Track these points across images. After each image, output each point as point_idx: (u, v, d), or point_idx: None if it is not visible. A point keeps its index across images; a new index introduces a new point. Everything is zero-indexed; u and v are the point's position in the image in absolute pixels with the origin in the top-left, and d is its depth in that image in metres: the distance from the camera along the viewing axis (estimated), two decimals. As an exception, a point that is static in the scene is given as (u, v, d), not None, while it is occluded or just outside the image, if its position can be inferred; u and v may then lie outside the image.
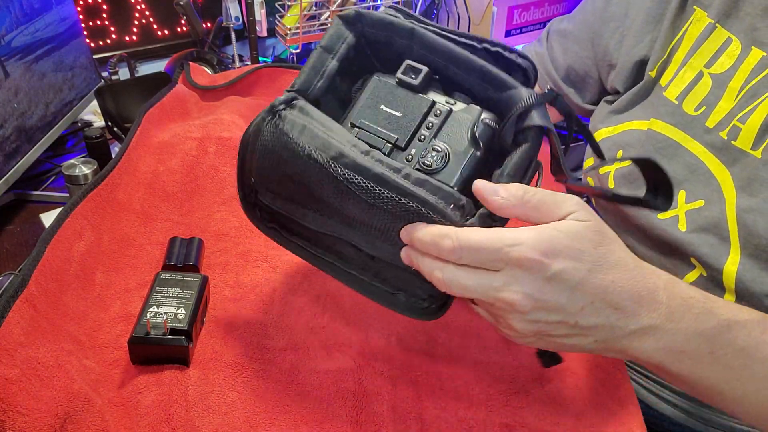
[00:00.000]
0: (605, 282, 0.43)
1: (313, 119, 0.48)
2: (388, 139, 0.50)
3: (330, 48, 0.53)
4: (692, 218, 0.63)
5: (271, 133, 0.49)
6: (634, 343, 0.45)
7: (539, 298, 0.42)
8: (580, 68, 0.81)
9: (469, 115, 0.50)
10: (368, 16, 0.53)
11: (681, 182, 0.65)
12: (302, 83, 0.52)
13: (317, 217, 0.51)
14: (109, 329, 0.60)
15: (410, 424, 0.55)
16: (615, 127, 0.73)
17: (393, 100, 0.51)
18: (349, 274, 0.53)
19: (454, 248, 0.42)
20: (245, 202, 0.55)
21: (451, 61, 0.51)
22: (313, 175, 0.48)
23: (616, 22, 0.74)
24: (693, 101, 0.66)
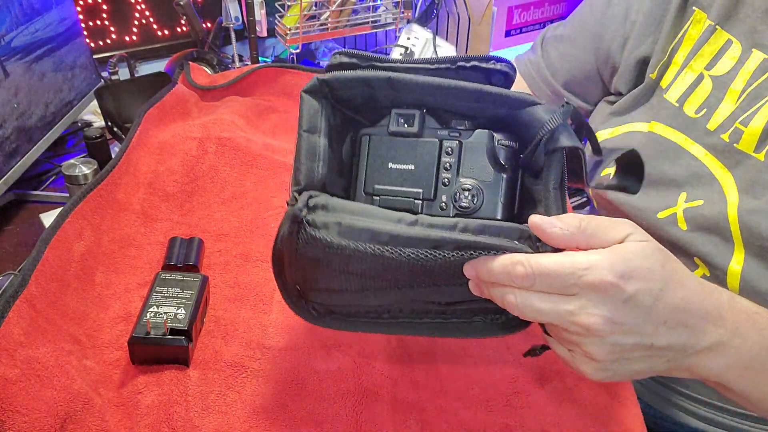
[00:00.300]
0: (676, 300, 0.43)
1: (343, 212, 0.45)
2: (414, 197, 0.49)
3: (313, 128, 0.50)
4: (691, 216, 0.63)
5: (307, 244, 0.46)
6: (702, 361, 0.45)
7: (617, 321, 0.42)
8: (581, 73, 0.81)
9: (480, 140, 0.48)
10: (333, 80, 0.50)
11: (682, 184, 0.65)
12: (305, 177, 0.48)
13: (379, 294, 0.48)
14: (109, 329, 0.60)
15: (410, 424, 0.55)
16: (615, 129, 0.73)
17: (398, 154, 0.50)
18: (421, 324, 0.51)
19: (527, 275, 0.42)
20: (295, 306, 0.51)
21: (440, 94, 0.49)
22: (368, 264, 0.45)
23: (617, 25, 0.74)
24: (694, 103, 0.66)
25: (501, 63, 0.51)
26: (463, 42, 1.16)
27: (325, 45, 1.34)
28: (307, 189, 0.48)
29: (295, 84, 1.01)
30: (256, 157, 0.81)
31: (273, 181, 0.80)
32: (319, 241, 0.45)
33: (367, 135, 0.51)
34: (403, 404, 0.56)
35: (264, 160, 0.81)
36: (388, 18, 1.20)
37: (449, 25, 1.19)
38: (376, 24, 1.19)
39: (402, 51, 1.16)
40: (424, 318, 0.51)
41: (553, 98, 0.84)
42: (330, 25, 1.15)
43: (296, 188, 0.48)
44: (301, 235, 0.46)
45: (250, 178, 0.79)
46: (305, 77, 1.01)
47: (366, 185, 0.50)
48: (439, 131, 0.50)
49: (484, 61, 0.51)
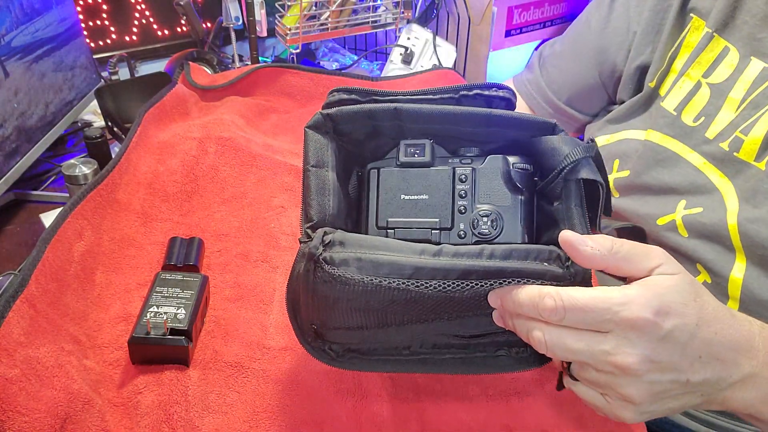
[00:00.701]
0: (709, 335, 0.42)
1: (362, 247, 0.44)
2: (431, 227, 0.48)
3: (321, 163, 0.49)
4: (690, 223, 0.63)
5: (325, 283, 0.44)
6: (735, 394, 0.44)
7: (654, 359, 0.40)
8: (584, 87, 0.80)
9: (494, 165, 0.48)
10: (337, 114, 0.49)
11: (682, 193, 0.65)
12: (317, 212, 0.47)
13: (401, 330, 0.47)
14: (109, 329, 0.60)
15: (410, 424, 0.55)
16: (611, 136, 0.73)
17: (410, 185, 0.49)
18: (443, 361, 0.50)
19: (557, 308, 0.40)
20: (311, 348, 0.50)
21: (448, 121, 0.48)
22: (391, 299, 0.44)
23: (621, 37, 0.74)
24: (692, 112, 0.65)
25: (502, 90, 0.51)
26: (463, 42, 1.16)
27: (325, 45, 1.34)
28: (319, 225, 0.47)
29: (295, 84, 1.01)
30: (256, 157, 0.81)
31: (273, 181, 0.80)
32: (338, 279, 0.43)
33: (376, 168, 0.50)
34: (403, 404, 0.56)
35: (264, 160, 0.81)
36: (388, 18, 1.20)
37: (449, 25, 1.19)
38: (376, 24, 1.19)
39: (402, 51, 1.16)
40: (446, 354, 0.49)
41: (555, 116, 0.84)
42: (330, 25, 1.15)
43: (308, 225, 0.47)
44: (318, 274, 0.44)
45: (250, 178, 0.79)
46: (305, 77, 1.01)
47: (379, 219, 0.49)
48: (450, 159, 0.49)
49: (486, 89, 0.50)
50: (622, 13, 0.74)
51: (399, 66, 1.16)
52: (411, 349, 0.50)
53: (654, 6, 0.70)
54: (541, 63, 0.86)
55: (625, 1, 0.75)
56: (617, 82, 0.76)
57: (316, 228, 0.46)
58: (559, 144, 0.46)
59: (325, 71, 1.04)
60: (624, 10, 0.74)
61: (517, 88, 0.89)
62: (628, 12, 0.74)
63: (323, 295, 0.45)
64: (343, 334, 0.48)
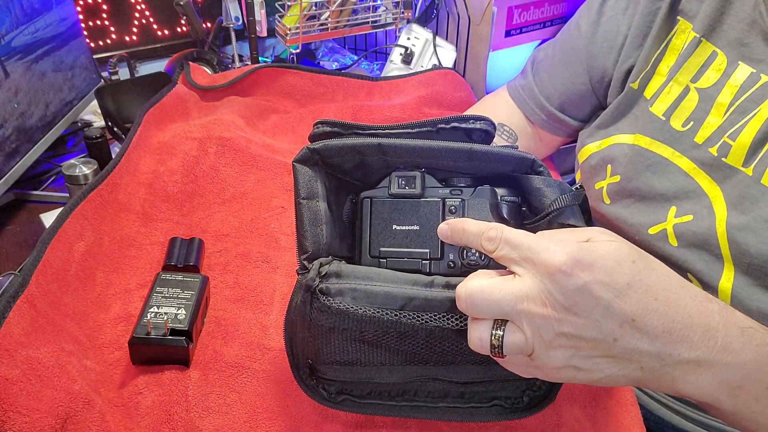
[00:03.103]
0: (646, 299, 0.40)
1: (357, 278, 0.46)
2: (421, 257, 0.49)
3: (311, 194, 0.50)
4: (680, 232, 0.63)
5: (322, 313, 0.46)
6: (686, 376, 0.41)
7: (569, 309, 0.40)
8: (575, 93, 0.80)
9: (482, 198, 0.49)
10: (324, 149, 0.50)
11: (671, 199, 0.65)
12: (312, 244, 0.49)
13: (395, 370, 0.48)
14: (109, 330, 0.60)
15: (410, 424, 0.55)
16: (602, 142, 0.73)
17: (401, 216, 0.50)
18: (436, 408, 0.51)
19: (495, 238, 0.43)
20: (306, 387, 0.51)
21: (431, 156, 0.50)
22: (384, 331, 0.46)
23: (610, 42, 0.74)
24: (680, 117, 0.65)
25: (480, 122, 0.51)
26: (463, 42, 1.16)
27: (325, 45, 1.34)
28: (314, 255, 0.49)
29: (295, 84, 1.01)
30: (256, 157, 0.81)
31: (273, 181, 0.80)
32: (333, 310, 0.45)
33: (368, 198, 0.51)
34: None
35: (264, 160, 0.81)
36: (388, 18, 1.20)
37: (449, 25, 1.19)
38: (376, 24, 1.19)
39: (402, 51, 1.16)
40: (440, 402, 0.51)
41: (548, 121, 0.84)
42: (330, 25, 1.15)
43: (304, 256, 0.49)
44: (315, 304, 0.46)
45: (250, 179, 0.79)
46: (305, 77, 1.01)
47: (371, 249, 0.50)
48: (440, 190, 0.50)
49: (463, 121, 0.51)
50: (612, 17, 0.74)
51: (399, 66, 1.16)
52: (405, 396, 0.51)
53: (644, 9, 0.70)
54: (534, 68, 0.86)
55: (614, 5, 0.75)
56: (607, 87, 0.76)
57: (312, 259, 0.48)
58: (542, 185, 0.48)
59: (325, 71, 1.04)
60: (614, 14, 0.74)
61: (510, 94, 0.89)
62: (618, 15, 0.74)
63: (318, 325, 0.47)
64: (337, 370, 0.49)
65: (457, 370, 0.49)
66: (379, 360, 0.48)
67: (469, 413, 0.50)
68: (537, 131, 0.87)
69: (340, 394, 0.51)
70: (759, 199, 0.58)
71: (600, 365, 0.41)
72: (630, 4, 0.73)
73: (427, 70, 1.06)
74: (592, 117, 0.81)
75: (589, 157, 0.74)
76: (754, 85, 0.60)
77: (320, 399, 0.51)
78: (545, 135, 0.86)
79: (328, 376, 0.50)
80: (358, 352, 0.48)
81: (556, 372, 0.42)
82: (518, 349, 0.42)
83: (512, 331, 0.41)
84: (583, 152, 0.76)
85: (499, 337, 0.41)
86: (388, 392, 0.51)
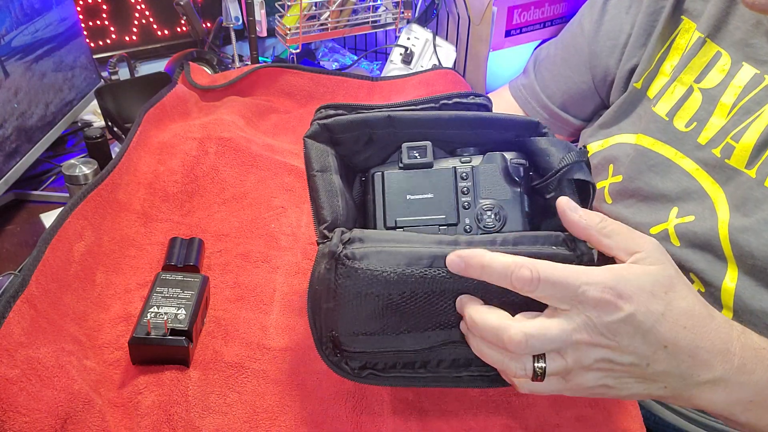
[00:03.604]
0: (678, 328, 0.43)
1: (380, 241, 0.46)
2: (438, 223, 0.50)
3: (325, 167, 0.51)
4: (682, 233, 0.63)
5: (348, 278, 0.45)
6: (704, 394, 0.45)
7: (613, 338, 0.42)
8: (577, 93, 0.80)
9: (491, 163, 0.50)
10: (334, 123, 0.52)
11: (673, 200, 0.64)
12: (330, 214, 0.49)
13: (419, 336, 0.48)
14: (109, 330, 0.60)
15: (410, 424, 0.55)
16: (604, 141, 0.73)
17: (414, 185, 0.51)
18: (460, 378, 0.51)
19: (532, 279, 0.42)
20: (330, 362, 0.51)
21: (440, 126, 0.51)
22: (413, 292, 0.45)
23: (612, 40, 0.74)
24: (683, 117, 0.65)
25: (479, 97, 0.54)
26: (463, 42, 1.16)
27: (325, 45, 1.34)
28: (333, 225, 0.49)
29: (295, 84, 1.01)
30: (257, 157, 0.81)
31: (273, 181, 0.80)
32: (360, 274, 0.45)
33: (380, 172, 0.52)
34: (403, 404, 0.56)
35: (264, 160, 0.81)
36: (388, 18, 1.20)
37: (449, 25, 1.19)
38: (376, 24, 1.19)
39: (402, 51, 1.16)
40: (463, 372, 0.51)
41: (550, 120, 0.84)
42: (330, 25, 1.14)
43: (323, 226, 0.49)
44: (340, 270, 0.45)
45: (251, 179, 0.79)
46: (305, 77, 1.01)
47: (387, 220, 0.51)
48: (449, 159, 0.52)
49: (464, 97, 0.54)
50: (615, 15, 0.74)
51: (399, 66, 1.16)
52: (428, 367, 0.51)
53: (647, 8, 0.70)
54: (536, 67, 0.86)
55: (617, 3, 0.74)
56: (610, 86, 0.76)
57: (332, 228, 0.48)
58: (548, 146, 0.50)
59: (325, 71, 1.04)
60: (617, 13, 0.74)
61: (512, 94, 0.89)
62: (621, 14, 0.73)
63: (345, 293, 0.46)
64: (362, 341, 0.48)
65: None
66: (404, 326, 0.47)
67: (491, 380, 0.50)
68: None
69: (364, 368, 0.50)
70: (762, 202, 0.58)
71: (629, 385, 0.45)
72: (633, 2, 0.72)
73: (427, 70, 1.06)
74: (594, 116, 0.81)
75: (592, 156, 0.74)
76: (758, 86, 0.60)
77: (344, 374, 0.50)
78: None
79: (352, 348, 0.49)
80: (384, 318, 0.47)
81: (587, 390, 0.45)
82: (558, 373, 0.44)
83: (553, 359, 0.43)
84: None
85: (542, 368, 0.43)
86: (411, 364, 0.50)
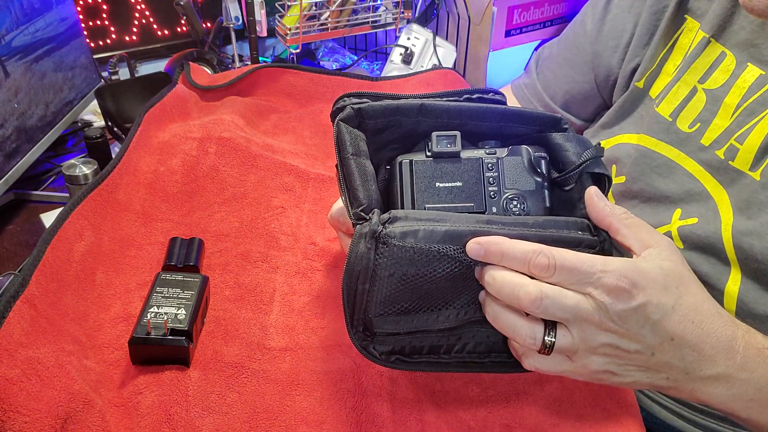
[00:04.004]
0: (686, 321, 0.44)
1: (420, 220, 0.47)
2: (467, 211, 0.51)
3: (359, 152, 0.52)
4: (685, 235, 0.63)
5: (389, 259, 0.46)
6: (705, 388, 0.46)
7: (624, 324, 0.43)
8: (579, 93, 0.80)
9: (516, 156, 0.53)
10: (369, 108, 0.53)
11: (676, 201, 0.64)
12: (365, 197, 0.50)
13: (448, 312, 0.49)
14: (109, 329, 0.60)
15: (410, 424, 0.55)
16: (606, 142, 0.73)
17: (442, 173, 0.52)
18: (483, 364, 0.52)
19: (549, 266, 0.43)
20: (360, 347, 0.51)
21: (468, 116, 0.53)
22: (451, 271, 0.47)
23: (615, 40, 0.73)
24: (687, 118, 0.65)
25: (497, 94, 0.57)
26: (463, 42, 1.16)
27: (325, 45, 1.34)
28: (369, 207, 0.49)
29: (295, 84, 1.01)
30: (256, 157, 0.81)
31: (273, 181, 0.80)
32: (402, 251, 0.46)
33: (408, 160, 0.53)
34: (403, 404, 0.56)
35: (264, 160, 0.81)
36: (388, 18, 1.20)
37: (449, 25, 1.19)
38: (376, 24, 1.19)
39: (402, 51, 1.16)
40: (486, 358, 0.52)
41: None
42: (330, 25, 1.15)
43: (360, 208, 0.49)
44: (380, 250, 0.46)
45: (251, 179, 0.79)
46: (305, 77, 1.01)
47: (416, 206, 0.51)
48: (475, 150, 0.53)
49: (485, 93, 0.57)
50: (618, 15, 0.74)
51: (399, 66, 1.16)
52: (453, 352, 0.52)
53: (651, 7, 0.70)
54: (538, 66, 0.86)
55: (620, 2, 0.74)
56: (612, 86, 0.75)
57: (368, 211, 0.49)
58: (563, 141, 0.53)
59: (325, 71, 1.04)
60: (620, 12, 0.74)
61: (514, 93, 0.89)
62: (623, 13, 0.73)
63: (383, 272, 0.47)
64: (394, 321, 0.49)
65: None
66: (436, 303, 0.49)
67: (514, 366, 0.51)
68: None
69: (392, 353, 0.51)
70: (766, 205, 0.58)
71: (632, 372, 0.46)
72: (636, 2, 0.72)
73: (427, 70, 1.06)
74: (597, 117, 0.81)
75: None
76: (763, 87, 0.60)
77: (372, 358, 0.51)
78: None
79: (383, 329, 0.50)
80: (418, 296, 0.48)
81: (591, 374, 0.46)
82: (565, 350, 0.45)
83: (562, 335, 0.45)
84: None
85: (551, 342, 0.45)
86: (437, 348, 0.51)
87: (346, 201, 0.51)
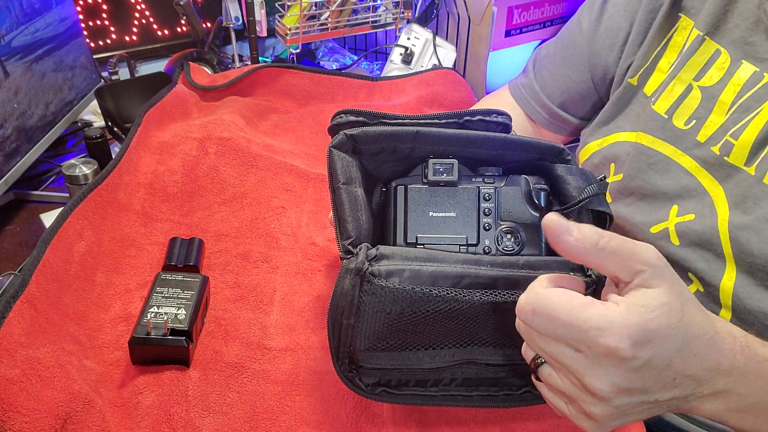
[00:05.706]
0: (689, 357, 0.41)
1: (405, 259, 0.46)
2: (459, 243, 0.50)
3: (350, 180, 0.51)
4: (682, 231, 0.63)
5: (373, 296, 0.45)
6: (704, 405, 0.44)
7: (626, 387, 0.39)
8: (577, 92, 0.80)
9: (516, 185, 0.51)
10: (361, 135, 0.51)
11: (673, 198, 0.64)
12: (354, 229, 0.49)
13: (436, 354, 0.49)
14: (109, 330, 0.60)
15: (410, 424, 0.55)
16: (603, 140, 0.73)
17: (437, 202, 0.51)
18: (471, 397, 0.51)
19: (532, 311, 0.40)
20: (345, 378, 0.50)
21: (465, 144, 0.51)
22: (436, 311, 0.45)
23: (611, 39, 0.74)
24: (683, 115, 0.65)
25: (501, 116, 0.55)
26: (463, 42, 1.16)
27: (325, 45, 1.34)
28: (358, 240, 0.48)
29: (295, 84, 1.01)
30: (256, 157, 0.81)
31: (273, 181, 0.80)
32: (386, 291, 0.45)
33: (403, 185, 0.52)
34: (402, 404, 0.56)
35: (264, 160, 0.81)
36: (388, 18, 1.20)
37: (449, 25, 1.19)
38: (376, 24, 1.19)
39: (402, 51, 1.16)
40: (474, 392, 0.51)
41: (550, 119, 0.84)
42: (330, 25, 1.14)
43: (348, 241, 0.48)
44: (365, 287, 0.45)
45: (251, 179, 0.79)
46: (305, 77, 1.01)
47: (408, 235, 0.51)
48: (473, 178, 0.52)
49: (487, 115, 0.54)
50: (614, 14, 0.74)
51: (399, 66, 1.16)
52: (441, 385, 0.51)
53: (647, 5, 0.70)
54: (536, 66, 0.86)
55: (616, 1, 0.74)
56: (609, 85, 0.76)
57: (356, 244, 0.48)
58: (565, 173, 0.51)
59: (325, 71, 1.04)
60: (616, 11, 0.74)
61: (512, 93, 0.89)
62: (620, 12, 0.73)
63: (368, 309, 0.46)
64: (379, 357, 0.49)
65: (496, 352, 0.49)
66: (423, 343, 0.48)
67: (502, 400, 0.51)
68: (539, 130, 0.87)
69: (377, 385, 0.51)
70: (761, 199, 0.58)
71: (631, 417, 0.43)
72: (632, 0, 0.72)
73: (427, 70, 1.06)
74: (594, 115, 0.81)
75: (592, 155, 0.74)
76: (757, 84, 0.60)
77: (358, 390, 0.50)
78: (547, 134, 0.86)
79: (369, 364, 0.49)
80: (404, 334, 0.47)
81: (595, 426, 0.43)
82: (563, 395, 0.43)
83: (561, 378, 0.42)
84: (585, 150, 0.76)
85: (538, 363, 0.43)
86: (424, 382, 0.51)
87: (336, 230, 0.50)
